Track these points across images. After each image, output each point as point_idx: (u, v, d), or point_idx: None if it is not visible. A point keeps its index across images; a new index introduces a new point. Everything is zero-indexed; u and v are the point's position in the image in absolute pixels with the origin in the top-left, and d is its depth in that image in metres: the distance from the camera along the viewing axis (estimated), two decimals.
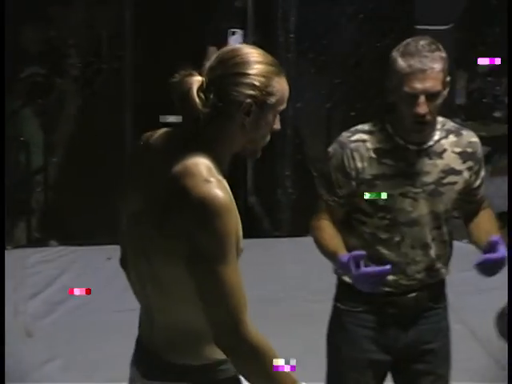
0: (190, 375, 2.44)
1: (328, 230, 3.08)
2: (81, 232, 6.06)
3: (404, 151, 3.02)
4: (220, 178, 2.29)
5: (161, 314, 2.44)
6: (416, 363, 3.21)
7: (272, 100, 2.34)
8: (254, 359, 2.31)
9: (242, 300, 2.28)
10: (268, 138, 2.43)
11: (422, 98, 2.88)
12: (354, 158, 3.02)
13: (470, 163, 3.09)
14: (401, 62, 2.92)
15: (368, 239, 3.05)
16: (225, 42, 6.19)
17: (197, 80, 2.33)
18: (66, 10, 8.07)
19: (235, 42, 6.22)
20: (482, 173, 3.15)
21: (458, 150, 3.08)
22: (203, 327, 2.33)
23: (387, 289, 3.07)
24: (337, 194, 3.07)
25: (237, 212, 2.30)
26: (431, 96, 2.90)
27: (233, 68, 2.32)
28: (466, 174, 3.08)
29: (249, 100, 2.31)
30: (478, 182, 3.13)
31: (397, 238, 3.04)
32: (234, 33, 6.25)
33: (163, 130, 2.49)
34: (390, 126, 3.03)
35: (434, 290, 3.16)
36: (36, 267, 5.67)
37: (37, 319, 5.11)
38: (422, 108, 2.89)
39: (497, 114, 7.61)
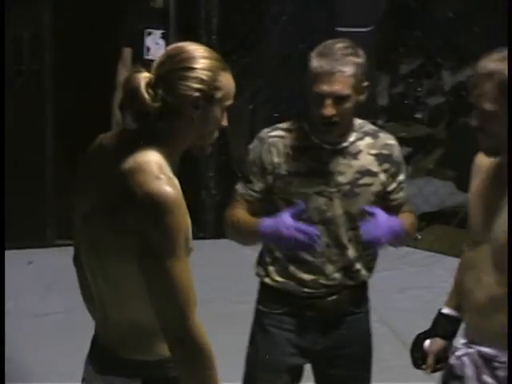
0: (143, 370, 2.47)
1: (243, 214, 3.08)
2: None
3: (319, 150, 3.03)
4: (171, 175, 2.34)
5: (114, 311, 2.46)
6: (334, 368, 3.22)
7: (219, 94, 2.39)
8: (196, 358, 2.33)
9: (190, 296, 2.31)
10: (216, 134, 2.47)
11: (329, 100, 2.90)
12: (271, 153, 3.03)
13: (386, 165, 3.10)
14: (313, 63, 2.94)
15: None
16: (141, 43, 6.18)
17: (145, 76, 2.36)
18: None
19: (151, 42, 6.21)
20: (400, 177, 3.14)
21: (373, 151, 3.08)
22: (155, 323, 2.35)
23: (306, 289, 3.07)
24: (253, 189, 3.07)
25: (186, 210, 2.33)
26: (339, 99, 2.90)
27: (180, 63, 2.36)
28: (382, 176, 3.09)
29: (197, 93, 2.35)
30: (393, 186, 3.13)
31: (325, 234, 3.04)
32: (150, 33, 6.21)
33: (118, 130, 2.54)
34: (307, 124, 3.04)
35: (356, 294, 3.15)
36: None
37: None
38: (328, 110, 2.90)
39: (418, 115, 7.69)
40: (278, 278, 3.10)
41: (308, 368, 3.30)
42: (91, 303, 2.55)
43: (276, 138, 3.02)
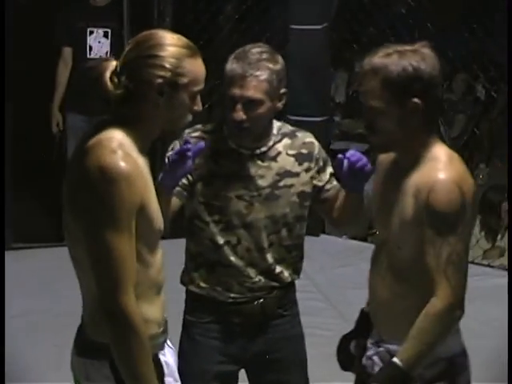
0: (106, 350, 2.41)
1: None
2: None
3: (237, 155, 2.99)
4: (132, 153, 2.36)
5: (84, 291, 2.49)
6: (266, 373, 3.17)
7: (184, 80, 2.41)
8: (126, 336, 2.34)
9: (127, 270, 2.33)
10: (189, 118, 2.50)
11: (239, 105, 2.86)
12: None
13: (307, 164, 3.05)
14: (228, 66, 2.91)
15: (208, 245, 2.99)
16: (82, 42, 6.16)
17: (110, 64, 2.43)
18: None
19: (94, 41, 6.17)
20: (329, 169, 3.10)
21: (292, 152, 3.04)
22: None
23: (232, 295, 3.03)
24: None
25: (147, 190, 2.38)
26: (250, 103, 2.86)
27: (146, 50, 2.40)
28: (303, 176, 3.04)
29: (160, 80, 2.38)
30: (324, 178, 3.09)
31: (233, 242, 3.00)
32: (91, 32, 6.17)
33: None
34: (226, 128, 3.00)
35: (282, 296, 3.11)
36: None
37: None
38: (238, 114, 2.87)
39: None
40: (203, 284, 3.04)
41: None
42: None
43: (197, 139, 2.95)
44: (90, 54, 6.20)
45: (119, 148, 2.34)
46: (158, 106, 2.41)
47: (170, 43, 2.42)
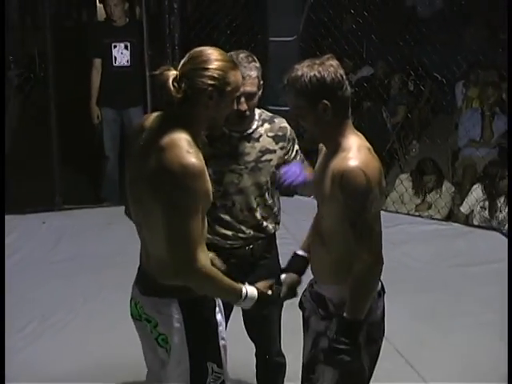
0: (175, 293, 2.46)
1: None
2: (20, 203, 5.94)
3: (229, 138, 2.98)
4: (197, 149, 2.36)
5: (151, 247, 2.48)
6: None
7: (228, 88, 2.40)
8: (207, 283, 2.40)
9: (197, 242, 2.34)
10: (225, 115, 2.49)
11: (243, 99, 2.87)
12: None
13: (281, 144, 3.06)
14: None
15: (210, 208, 2.98)
16: (109, 54, 6.12)
17: (172, 73, 2.39)
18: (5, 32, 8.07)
19: (117, 53, 6.13)
20: (296, 147, 3.10)
21: (271, 134, 3.04)
22: None
23: (229, 242, 3.04)
24: None
25: (207, 177, 2.37)
26: (249, 96, 2.88)
27: (199, 64, 2.37)
28: (279, 152, 3.05)
29: (210, 88, 2.36)
30: (292, 154, 3.09)
31: (229, 204, 3.00)
32: (115, 46, 6.13)
33: (155, 113, 2.52)
34: None
35: (266, 243, 3.11)
36: None
37: None
38: (243, 106, 2.88)
39: None
40: (208, 236, 3.05)
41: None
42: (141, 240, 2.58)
43: None
44: (114, 62, 6.15)
45: (190, 147, 2.33)
46: (207, 108, 2.39)
47: (217, 58, 2.39)
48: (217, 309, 2.58)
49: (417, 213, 6.08)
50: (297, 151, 3.12)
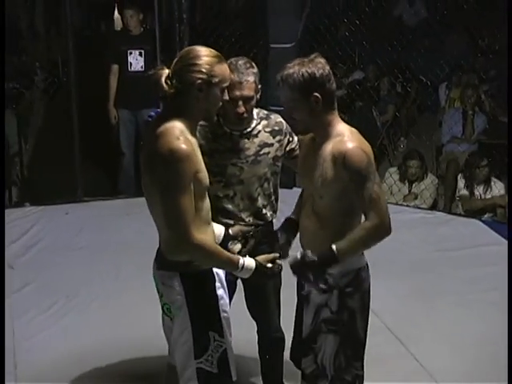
0: (177, 267, 2.50)
1: None
2: (45, 195, 5.94)
3: (230, 136, 2.96)
4: (188, 137, 2.40)
5: (159, 228, 2.51)
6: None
7: (216, 80, 2.43)
8: (203, 255, 2.44)
9: (191, 216, 2.38)
10: (219, 106, 2.51)
11: (241, 102, 2.84)
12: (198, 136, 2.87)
13: (278, 137, 3.04)
14: None
15: (213, 197, 2.86)
16: (125, 61, 6.13)
17: (165, 72, 2.44)
18: (31, 41, 8.06)
19: (132, 59, 6.13)
20: (295, 139, 3.06)
21: (268, 129, 3.02)
22: None
23: None
24: None
25: (197, 161, 2.40)
26: (247, 100, 2.86)
27: (188, 60, 2.42)
28: (276, 145, 3.03)
29: (199, 81, 2.40)
30: (293, 145, 3.08)
31: (231, 194, 2.97)
32: (130, 53, 6.13)
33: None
34: (221, 118, 2.95)
35: (265, 230, 3.05)
36: (16, 222, 5.50)
37: (16, 257, 4.95)
38: (241, 109, 2.85)
39: None
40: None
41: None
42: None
43: (201, 127, 2.90)
44: (130, 68, 6.14)
45: (181, 135, 2.37)
46: (198, 100, 2.43)
47: (204, 54, 2.43)
48: (218, 284, 2.59)
49: (405, 203, 6.06)
50: (296, 144, 3.08)
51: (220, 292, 2.59)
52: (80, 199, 5.99)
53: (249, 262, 2.54)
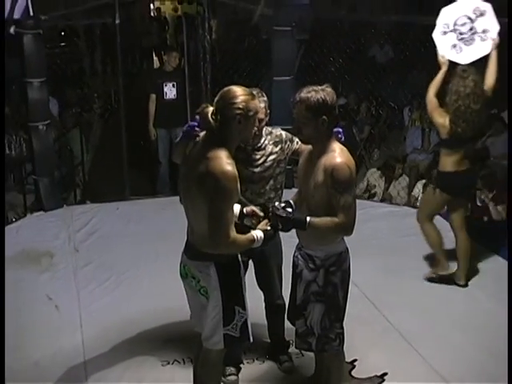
0: (212, 258, 2.49)
1: None
2: (101, 195, 5.91)
3: (244, 149, 2.96)
4: (232, 160, 2.38)
5: (196, 226, 2.50)
6: (270, 259, 3.14)
7: (251, 113, 2.43)
8: (235, 248, 2.47)
9: (229, 225, 2.39)
10: (253, 132, 2.54)
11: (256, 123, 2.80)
12: None
13: (280, 146, 3.05)
14: None
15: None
16: (161, 91, 6.10)
17: (210, 109, 2.43)
18: (91, 77, 8.12)
19: (167, 89, 6.10)
20: (296, 139, 3.02)
21: (272, 142, 3.04)
22: None
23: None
24: None
25: (238, 180, 2.37)
26: (259, 121, 2.84)
27: (228, 100, 2.40)
28: (279, 152, 3.04)
29: (238, 116, 2.40)
30: (291, 149, 3.06)
31: (243, 189, 2.87)
32: (165, 85, 6.11)
33: (202, 135, 2.53)
34: None
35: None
36: (79, 215, 5.47)
37: (80, 242, 4.94)
38: (255, 130, 2.80)
39: None
40: None
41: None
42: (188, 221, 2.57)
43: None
44: (165, 96, 6.12)
45: (228, 159, 2.36)
46: (238, 130, 2.42)
47: (240, 93, 2.41)
48: (242, 270, 2.61)
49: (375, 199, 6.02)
50: (297, 144, 3.05)
51: (243, 274, 2.62)
52: (127, 198, 5.96)
53: (259, 233, 2.55)
